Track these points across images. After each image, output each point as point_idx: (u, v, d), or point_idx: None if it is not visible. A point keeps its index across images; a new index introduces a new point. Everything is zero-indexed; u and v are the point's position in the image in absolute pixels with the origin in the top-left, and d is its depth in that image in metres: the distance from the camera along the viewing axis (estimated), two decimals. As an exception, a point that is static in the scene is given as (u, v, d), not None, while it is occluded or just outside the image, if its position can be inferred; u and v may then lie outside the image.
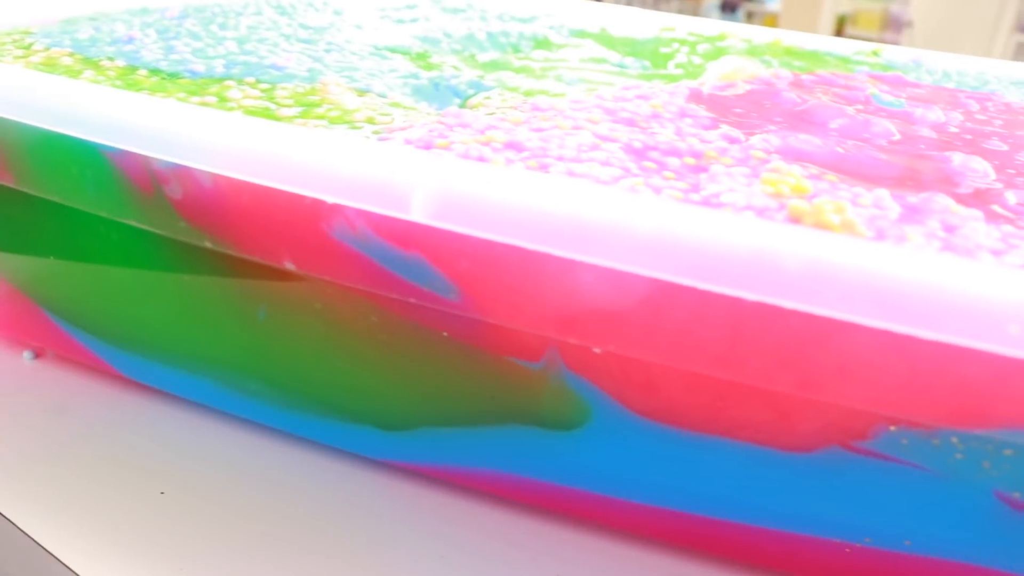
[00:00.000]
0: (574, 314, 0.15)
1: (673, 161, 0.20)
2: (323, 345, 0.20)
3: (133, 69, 0.24)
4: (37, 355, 0.27)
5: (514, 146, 0.19)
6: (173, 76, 0.24)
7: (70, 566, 0.20)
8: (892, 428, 0.15)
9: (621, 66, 0.32)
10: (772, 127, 0.23)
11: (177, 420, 0.25)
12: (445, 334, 0.18)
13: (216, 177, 0.17)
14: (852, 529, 0.18)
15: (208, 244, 0.18)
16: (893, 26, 2.63)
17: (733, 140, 0.21)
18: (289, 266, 0.17)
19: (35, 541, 0.20)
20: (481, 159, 0.19)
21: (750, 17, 3.06)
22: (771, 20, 2.89)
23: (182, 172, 0.17)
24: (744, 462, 0.17)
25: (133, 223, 0.19)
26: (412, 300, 0.17)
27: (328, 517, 0.21)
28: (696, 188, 0.18)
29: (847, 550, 0.18)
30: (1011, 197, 0.19)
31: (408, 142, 0.19)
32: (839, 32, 2.61)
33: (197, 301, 0.21)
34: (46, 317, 0.25)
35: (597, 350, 0.16)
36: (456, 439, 0.20)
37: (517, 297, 0.16)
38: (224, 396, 0.24)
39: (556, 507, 0.21)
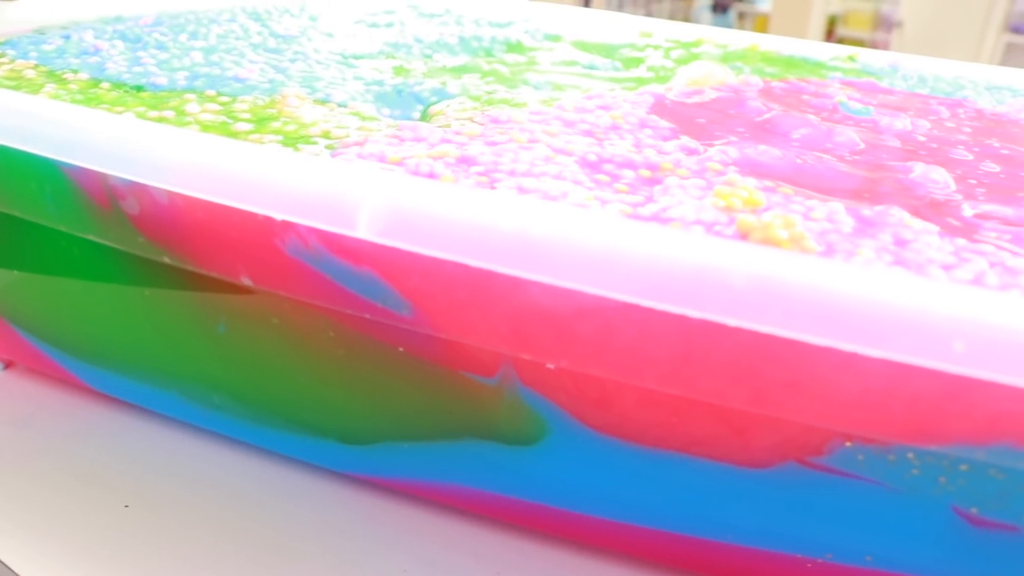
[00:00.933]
0: (525, 330, 0.15)
1: (628, 174, 0.19)
2: (282, 359, 0.20)
3: (96, 82, 0.24)
4: (7, 366, 0.27)
5: (467, 161, 0.19)
6: (135, 89, 0.24)
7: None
8: (848, 444, 0.15)
9: (591, 67, 0.32)
10: (733, 137, 0.23)
11: (142, 433, 0.24)
12: (401, 349, 0.18)
13: (171, 194, 0.17)
14: (813, 544, 0.18)
15: (167, 259, 0.18)
16: (884, 26, 2.63)
17: (691, 152, 0.21)
18: (246, 281, 0.17)
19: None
20: (432, 175, 0.18)
21: (741, 17, 3.05)
22: (762, 20, 2.89)
23: (138, 188, 0.17)
24: (702, 477, 0.17)
25: (93, 238, 0.19)
26: (367, 316, 0.17)
27: (292, 530, 0.21)
28: (647, 201, 0.18)
29: (808, 565, 0.18)
30: (967, 209, 0.19)
31: (361, 157, 0.19)
32: (830, 32, 2.61)
33: (159, 314, 0.21)
34: (12, 330, 0.25)
35: (550, 366, 0.16)
36: (417, 453, 0.20)
37: (469, 313, 0.15)
38: (188, 408, 0.23)
39: (518, 521, 0.21)
